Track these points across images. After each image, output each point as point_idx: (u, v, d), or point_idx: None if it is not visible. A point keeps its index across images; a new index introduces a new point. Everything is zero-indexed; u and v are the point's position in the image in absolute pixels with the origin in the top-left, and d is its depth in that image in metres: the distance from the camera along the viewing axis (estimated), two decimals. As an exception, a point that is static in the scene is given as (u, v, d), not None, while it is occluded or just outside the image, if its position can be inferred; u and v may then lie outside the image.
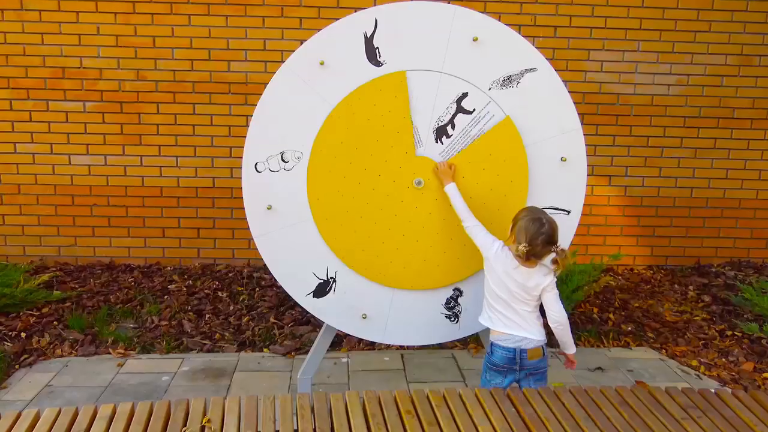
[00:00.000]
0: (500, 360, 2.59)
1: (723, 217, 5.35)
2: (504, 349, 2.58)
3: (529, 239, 2.51)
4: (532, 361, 2.57)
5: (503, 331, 2.59)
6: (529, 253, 2.52)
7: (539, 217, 2.54)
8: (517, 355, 2.56)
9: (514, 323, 2.58)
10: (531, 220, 2.54)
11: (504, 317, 2.60)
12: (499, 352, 2.59)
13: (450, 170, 2.84)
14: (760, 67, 5.10)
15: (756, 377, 3.65)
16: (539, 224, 2.51)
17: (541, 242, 2.51)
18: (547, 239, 2.51)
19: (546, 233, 2.51)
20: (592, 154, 5.06)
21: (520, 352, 2.56)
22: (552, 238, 2.53)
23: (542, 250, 2.53)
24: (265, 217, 2.88)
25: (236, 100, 4.90)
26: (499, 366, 2.60)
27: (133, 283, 4.74)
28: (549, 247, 2.53)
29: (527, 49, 2.85)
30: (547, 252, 2.54)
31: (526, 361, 2.57)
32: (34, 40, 4.76)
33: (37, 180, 4.96)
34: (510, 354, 2.57)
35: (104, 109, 4.89)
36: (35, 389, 3.39)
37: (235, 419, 2.11)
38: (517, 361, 2.56)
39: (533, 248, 2.51)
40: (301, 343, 3.92)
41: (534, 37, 4.87)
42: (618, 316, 4.39)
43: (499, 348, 2.59)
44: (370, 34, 2.79)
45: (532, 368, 2.59)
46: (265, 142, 2.83)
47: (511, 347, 2.56)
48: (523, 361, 2.56)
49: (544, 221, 2.53)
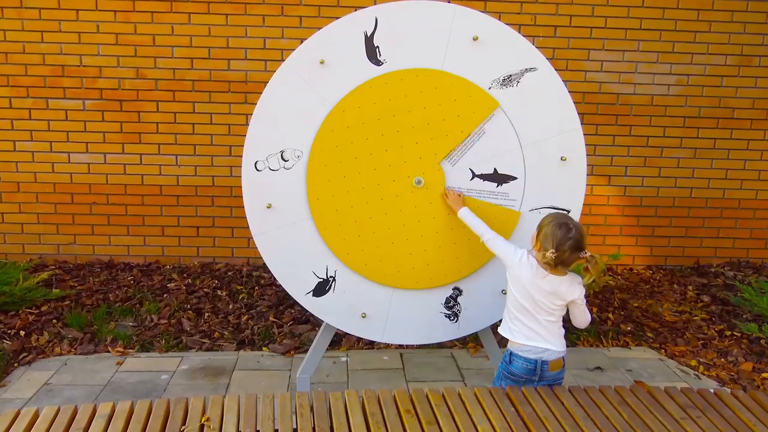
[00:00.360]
0: (520, 371, 2.50)
1: (722, 218, 5.35)
2: (525, 360, 2.48)
3: (556, 245, 2.39)
4: (552, 373, 2.49)
5: (524, 342, 2.50)
6: (557, 260, 2.41)
7: (565, 222, 2.43)
8: (538, 366, 2.47)
9: (537, 334, 2.49)
10: (557, 225, 2.42)
11: (527, 328, 2.50)
12: (520, 363, 2.49)
13: (459, 197, 2.83)
14: (760, 67, 5.10)
15: (755, 377, 3.65)
16: (566, 229, 2.40)
17: (569, 248, 2.39)
18: (575, 245, 2.39)
19: (574, 238, 2.39)
20: (592, 154, 5.06)
21: (541, 364, 2.47)
22: (580, 244, 2.41)
23: (570, 256, 2.41)
24: (265, 216, 2.88)
25: (236, 99, 4.90)
26: (517, 376, 2.51)
27: (132, 281, 4.73)
28: (577, 254, 2.41)
29: (527, 49, 2.85)
30: (575, 259, 2.43)
31: (547, 372, 2.48)
32: (33, 38, 4.76)
33: (36, 178, 4.96)
34: (531, 365, 2.48)
35: (104, 108, 4.88)
36: (34, 387, 3.39)
37: (235, 418, 2.11)
38: (538, 372, 2.48)
39: (560, 255, 2.39)
40: (300, 342, 3.92)
41: (534, 36, 4.87)
42: (617, 316, 4.39)
43: (520, 359, 2.49)
44: (371, 33, 2.78)
45: (551, 379, 2.51)
46: (265, 140, 2.83)
47: (533, 358, 2.48)
48: (543, 372, 2.48)
49: (571, 226, 2.42)
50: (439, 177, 2.88)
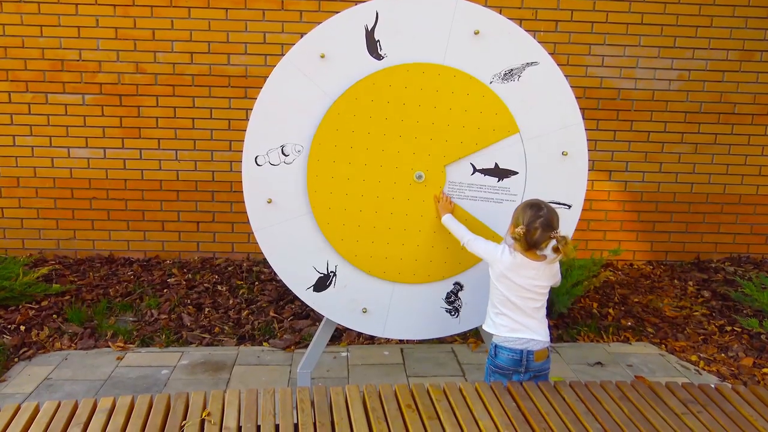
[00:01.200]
0: (506, 362, 2.51)
1: (723, 213, 5.35)
2: (510, 351, 2.50)
3: (527, 223, 2.45)
4: (537, 363, 2.51)
5: (509, 335, 2.52)
6: (528, 238, 2.45)
7: (536, 203, 2.50)
8: (524, 357, 2.49)
9: (522, 326, 2.51)
10: (527, 206, 2.51)
11: (512, 321, 2.52)
12: (505, 354, 2.51)
13: (450, 204, 2.84)
14: (762, 62, 5.09)
15: (755, 372, 3.65)
16: (536, 209, 2.47)
17: (540, 225, 2.43)
18: (545, 223, 2.44)
19: (544, 217, 2.44)
20: (593, 149, 5.05)
21: (527, 354, 2.49)
22: (551, 223, 2.45)
23: (541, 235, 2.45)
24: (265, 211, 2.87)
25: (236, 94, 4.88)
26: (504, 369, 2.52)
27: (132, 276, 4.73)
28: (548, 233, 2.45)
29: (529, 43, 2.84)
30: (545, 239, 2.46)
31: (533, 362, 2.50)
32: (32, 32, 4.74)
33: (36, 173, 4.95)
34: (516, 356, 2.49)
35: (103, 102, 4.87)
36: (34, 382, 3.39)
37: (235, 412, 2.11)
38: (524, 363, 2.49)
39: (531, 232, 2.44)
40: (301, 337, 3.92)
41: (535, 31, 4.85)
42: (618, 311, 4.39)
43: (506, 350, 2.51)
44: (371, 26, 2.77)
45: (537, 370, 2.52)
46: (266, 135, 2.82)
47: (518, 349, 2.49)
48: (529, 362, 2.49)
49: (542, 206, 2.48)
50: (440, 172, 2.87)
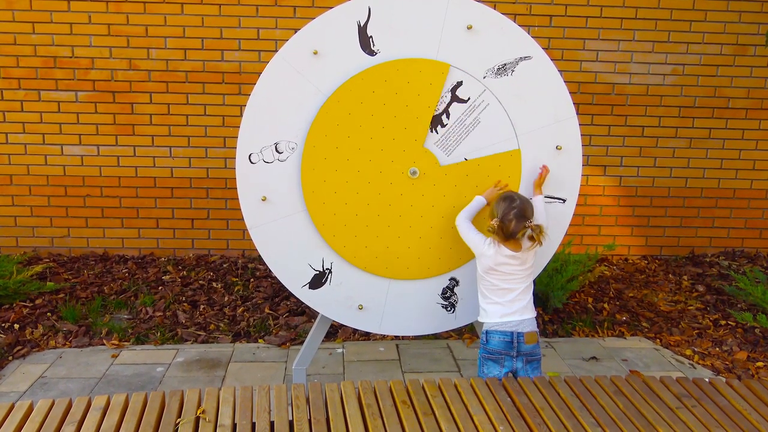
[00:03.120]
0: (497, 345, 2.58)
1: (717, 207, 5.36)
2: (501, 333, 2.58)
3: (501, 215, 2.57)
4: (528, 346, 2.58)
5: (499, 320, 2.60)
6: (503, 230, 2.56)
7: (510, 196, 2.63)
8: (514, 338, 2.57)
9: (513, 311, 2.59)
10: (502, 199, 2.63)
11: (502, 307, 2.61)
12: (496, 338, 2.59)
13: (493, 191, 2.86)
14: (755, 57, 5.09)
15: (750, 366, 3.67)
16: (510, 201, 2.59)
17: (514, 216, 2.55)
18: (519, 213, 2.55)
19: (518, 208, 2.56)
20: (587, 144, 5.06)
21: (517, 336, 2.57)
22: (524, 213, 2.57)
23: (516, 226, 2.55)
24: (260, 209, 2.86)
25: (230, 90, 4.87)
26: (495, 353, 2.59)
27: (127, 274, 4.72)
28: (522, 222, 2.55)
29: (522, 37, 2.83)
30: (521, 229, 2.56)
31: (523, 345, 2.57)
32: (24, 29, 4.71)
33: (29, 170, 4.93)
34: (507, 338, 2.57)
35: (97, 99, 4.85)
36: (29, 381, 3.38)
37: (230, 410, 2.11)
38: (514, 345, 2.57)
39: (506, 224, 2.55)
40: (296, 334, 3.92)
41: (529, 26, 4.85)
42: (612, 306, 4.40)
43: (497, 333, 2.59)
44: (364, 22, 2.76)
45: (529, 354, 2.59)
46: (259, 133, 2.81)
47: (508, 331, 2.58)
48: (520, 345, 2.57)
49: (515, 198, 2.60)
50: (432, 166, 2.86)
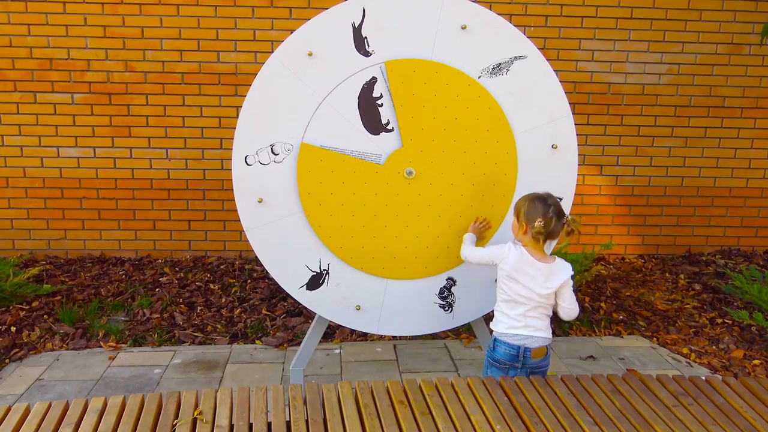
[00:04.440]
0: (503, 356, 2.54)
1: (713, 206, 5.37)
2: (508, 345, 2.53)
3: (543, 214, 2.50)
4: (535, 360, 2.53)
5: (507, 331, 2.54)
6: (546, 230, 2.50)
7: (540, 196, 2.56)
8: (521, 353, 2.51)
9: (523, 325, 2.53)
10: (534, 200, 2.55)
11: (513, 320, 2.54)
12: (503, 349, 2.54)
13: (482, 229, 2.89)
14: (750, 56, 5.11)
15: (746, 364, 3.68)
16: (544, 201, 2.53)
17: (554, 214, 2.50)
18: (557, 210, 2.52)
19: (554, 205, 2.52)
20: (584, 144, 5.07)
21: (524, 350, 2.51)
22: (561, 210, 2.55)
23: (557, 224, 2.51)
24: (256, 211, 2.86)
25: (226, 91, 4.87)
26: (501, 362, 2.55)
27: (123, 276, 4.71)
28: (561, 220, 2.52)
29: (516, 37, 2.84)
30: (561, 227, 2.53)
31: (530, 359, 2.52)
32: (20, 31, 4.71)
33: (25, 173, 4.92)
34: (513, 351, 2.52)
35: (93, 101, 4.84)
36: (26, 383, 3.37)
37: (227, 411, 2.11)
38: (520, 359, 2.52)
39: (548, 224, 2.49)
40: (294, 335, 3.92)
41: (525, 26, 4.86)
42: (609, 305, 4.41)
43: (503, 344, 2.54)
44: (359, 23, 2.76)
45: (534, 366, 2.54)
46: (255, 134, 2.81)
47: (516, 344, 2.52)
48: (526, 359, 2.52)
49: (547, 197, 2.56)
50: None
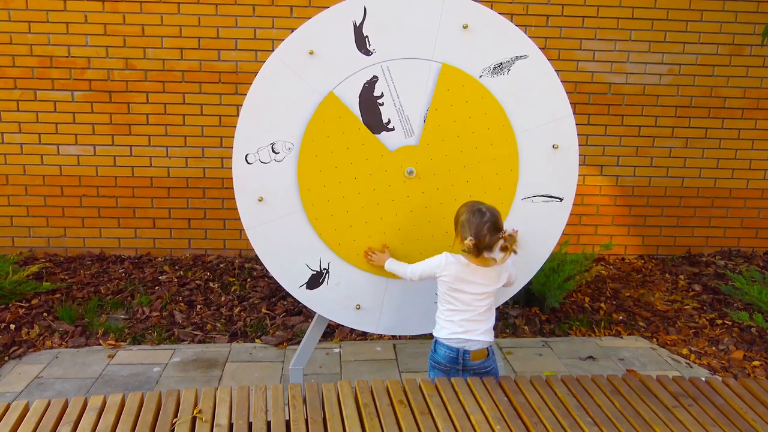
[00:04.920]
0: (443, 358, 2.54)
1: (713, 207, 5.37)
2: (448, 348, 2.53)
3: (475, 232, 2.45)
4: (475, 363, 2.52)
5: (448, 336, 2.54)
6: (479, 246, 2.45)
7: (478, 208, 2.50)
8: (460, 355, 2.51)
9: (464, 329, 2.52)
10: (471, 213, 2.49)
11: (454, 324, 2.53)
12: (442, 351, 2.55)
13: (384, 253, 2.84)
14: (752, 56, 5.11)
15: (746, 365, 3.68)
16: (480, 214, 2.47)
17: (488, 231, 2.44)
18: (492, 227, 2.45)
19: (490, 221, 2.45)
20: (584, 144, 5.06)
21: (463, 353, 2.51)
22: (497, 225, 2.47)
23: (491, 239, 2.45)
24: (257, 209, 2.86)
25: (226, 90, 4.86)
26: (442, 364, 2.55)
27: (123, 274, 4.71)
28: (497, 234, 2.45)
29: (518, 36, 2.83)
30: (496, 240, 2.45)
31: (469, 362, 2.51)
32: (20, 28, 4.70)
33: (25, 170, 4.92)
34: (453, 354, 2.52)
35: (93, 99, 4.84)
36: (25, 381, 3.37)
37: (227, 410, 2.10)
38: (460, 361, 2.51)
39: (481, 240, 2.44)
40: (293, 334, 3.92)
41: (526, 26, 4.85)
42: (609, 306, 4.40)
43: (443, 347, 2.54)
44: (360, 22, 2.76)
45: (476, 368, 2.53)
46: (255, 133, 2.80)
47: (456, 347, 2.52)
48: (465, 361, 2.51)
49: (485, 210, 2.48)
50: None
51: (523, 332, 4.04)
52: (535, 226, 2.96)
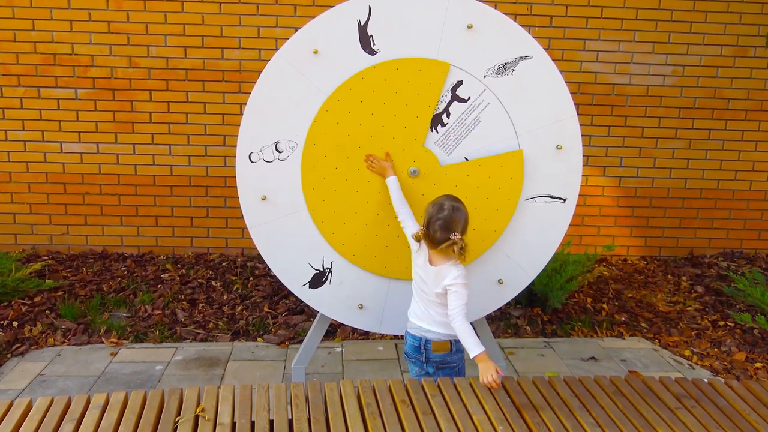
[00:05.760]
0: (409, 348, 2.60)
1: (716, 208, 5.36)
2: (412, 337, 2.58)
3: (426, 222, 2.47)
4: (437, 354, 2.52)
5: (413, 321, 2.59)
6: (426, 237, 2.47)
7: (441, 203, 2.47)
8: (422, 344, 2.53)
9: (426, 316, 2.54)
10: (433, 204, 2.48)
11: (420, 309, 2.58)
12: (409, 340, 2.60)
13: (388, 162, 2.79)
14: (756, 58, 5.10)
15: (748, 367, 3.67)
16: (438, 208, 2.45)
17: (439, 227, 2.41)
18: (443, 225, 2.41)
19: (444, 219, 2.41)
20: (587, 145, 5.06)
21: (424, 343, 2.53)
22: (449, 225, 2.41)
23: (440, 235, 2.42)
24: (260, 208, 2.86)
25: (230, 88, 4.86)
26: (409, 354, 2.62)
27: (126, 272, 4.71)
28: (446, 234, 2.41)
29: (522, 37, 2.83)
30: (444, 239, 2.41)
31: (431, 353, 2.52)
32: (24, 26, 4.70)
33: (28, 168, 4.92)
34: (416, 342, 2.55)
35: (96, 97, 4.84)
36: (27, 378, 3.37)
37: (230, 408, 2.11)
38: (422, 351, 2.53)
39: (430, 232, 2.44)
40: (295, 333, 3.92)
41: (530, 26, 4.84)
42: (611, 306, 4.40)
43: (409, 336, 2.60)
44: (364, 22, 2.76)
45: (439, 362, 2.53)
46: (259, 132, 2.81)
47: (418, 336, 2.55)
48: (428, 352, 2.52)
49: (446, 207, 2.44)
50: (433, 165, 2.86)
51: (525, 333, 4.04)
52: (539, 227, 2.96)
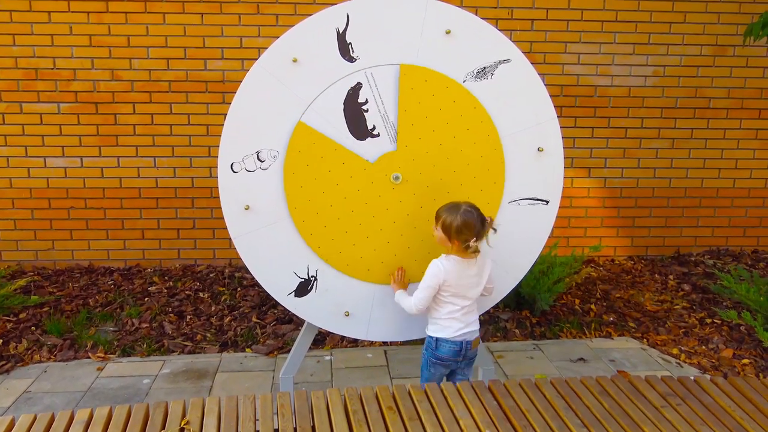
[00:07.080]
0: (448, 354, 2.69)
1: (701, 207, 5.40)
2: (452, 343, 2.68)
3: (476, 232, 2.56)
4: (472, 351, 2.74)
5: (453, 335, 2.68)
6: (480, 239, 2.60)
7: (462, 208, 2.59)
8: (463, 347, 2.70)
9: (465, 324, 2.70)
10: (461, 215, 2.57)
11: (458, 322, 2.68)
12: (447, 346, 2.69)
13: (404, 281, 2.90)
14: (735, 57, 5.15)
15: (735, 363, 3.69)
16: (468, 213, 2.57)
17: (481, 223, 2.58)
18: (480, 218, 2.59)
19: (477, 213, 2.59)
20: (571, 147, 5.09)
21: (465, 345, 2.69)
22: (483, 214, 2.61)
23: (483, 230, 2.60)
24: (243, 218, 2.85)
25: (213, 99, 4.86)
26: (445, 360, 2.71)
27: (112, 285, 4.68)
28: (485, 223, 2.61)
29: (500, 41, 2.85)
30: (487, 230, 2.63)
31: (469, 351, 2.72)
32: (5, 41, 4.68)
33: (12, 183, 4.89)
34: (457, 347, 2.69)
35: (79, 110, 4.82)
36: (13, 396, 3.34)
37: (215, 420, 2.09)
38: (462, 352, 2.70)
39: (480, 235, 2.59)
40: (284, 342, 3.90)
41: (511, 30, 4.88)
42: (599, 307, 4.42)
43: (448, 343, 2.68)
44: (343, 29, 2.77)
45: (473, 356, 2.76)
46: (241, 141, 2.80)
47: (459, 341, 2.69)
48: (467, 352, 2.71)
49: (468, 208, 2.59)
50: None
51: (513, 335, 4.04)
52: (522, 229, 2.97)
